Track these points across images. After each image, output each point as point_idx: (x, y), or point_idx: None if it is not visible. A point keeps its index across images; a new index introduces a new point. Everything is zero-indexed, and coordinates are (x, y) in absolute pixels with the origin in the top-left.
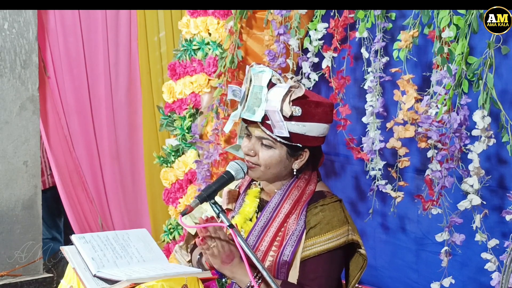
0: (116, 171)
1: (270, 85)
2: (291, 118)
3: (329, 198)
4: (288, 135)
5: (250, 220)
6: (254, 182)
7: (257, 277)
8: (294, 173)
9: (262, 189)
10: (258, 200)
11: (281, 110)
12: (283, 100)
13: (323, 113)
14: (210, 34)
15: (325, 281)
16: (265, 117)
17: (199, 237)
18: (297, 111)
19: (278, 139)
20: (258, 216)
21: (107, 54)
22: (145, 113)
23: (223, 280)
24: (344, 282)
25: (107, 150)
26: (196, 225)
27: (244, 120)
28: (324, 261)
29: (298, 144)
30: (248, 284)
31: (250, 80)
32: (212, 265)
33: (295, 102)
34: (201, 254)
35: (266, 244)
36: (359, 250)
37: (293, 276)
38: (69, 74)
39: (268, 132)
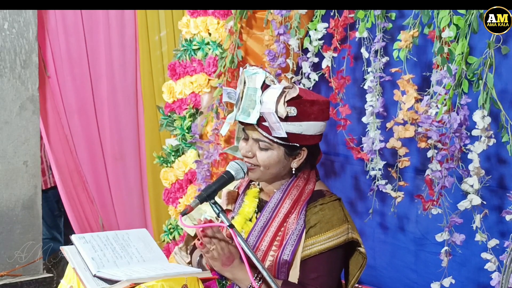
0: (118, 171)
1: (264, 86)
2: (287, 118)
3: (328, 197)
4: (285, 136)
5: (250, 220)
6: (253, 183)
7: (258, 277)
8: (293, 172)
9: (261, 189)
10: (257, 200)
11: (276, 111)
12: (278, 101)
13: (319, 111)
14: (210, 34)
15: (326, 280)
16: (261, 119)
17: (198, 239)
18: (292, 111)
19: (275, 139)
20: (257, 216)
21: (109, 53)
22: (146, 113)
23: (224, 281)
24: (344, 281)
25: (109, 149)
26: (195, 225)
27: (241, 122)
28: (324, 260)
29: (295, 144)
30: (249, 285)
31: (244, 82)
32: (212, 267)
33: (290, 102)
34: (201, 256)
35: (266, 244)
36: (359, 248)
37: (294, 276)
38: (70, 73)
39: (265, 134)
